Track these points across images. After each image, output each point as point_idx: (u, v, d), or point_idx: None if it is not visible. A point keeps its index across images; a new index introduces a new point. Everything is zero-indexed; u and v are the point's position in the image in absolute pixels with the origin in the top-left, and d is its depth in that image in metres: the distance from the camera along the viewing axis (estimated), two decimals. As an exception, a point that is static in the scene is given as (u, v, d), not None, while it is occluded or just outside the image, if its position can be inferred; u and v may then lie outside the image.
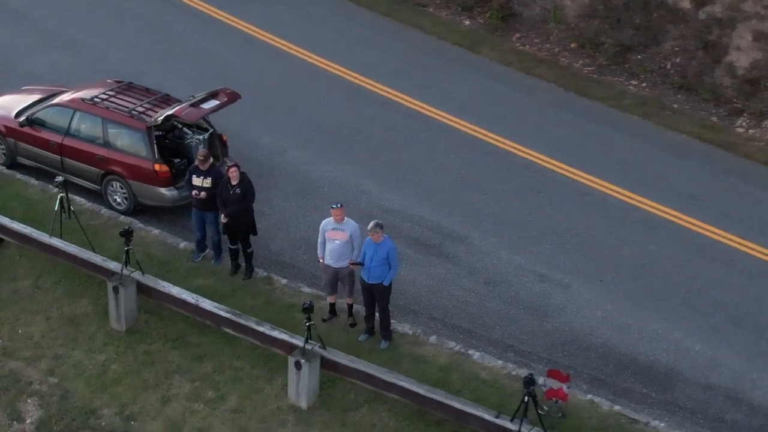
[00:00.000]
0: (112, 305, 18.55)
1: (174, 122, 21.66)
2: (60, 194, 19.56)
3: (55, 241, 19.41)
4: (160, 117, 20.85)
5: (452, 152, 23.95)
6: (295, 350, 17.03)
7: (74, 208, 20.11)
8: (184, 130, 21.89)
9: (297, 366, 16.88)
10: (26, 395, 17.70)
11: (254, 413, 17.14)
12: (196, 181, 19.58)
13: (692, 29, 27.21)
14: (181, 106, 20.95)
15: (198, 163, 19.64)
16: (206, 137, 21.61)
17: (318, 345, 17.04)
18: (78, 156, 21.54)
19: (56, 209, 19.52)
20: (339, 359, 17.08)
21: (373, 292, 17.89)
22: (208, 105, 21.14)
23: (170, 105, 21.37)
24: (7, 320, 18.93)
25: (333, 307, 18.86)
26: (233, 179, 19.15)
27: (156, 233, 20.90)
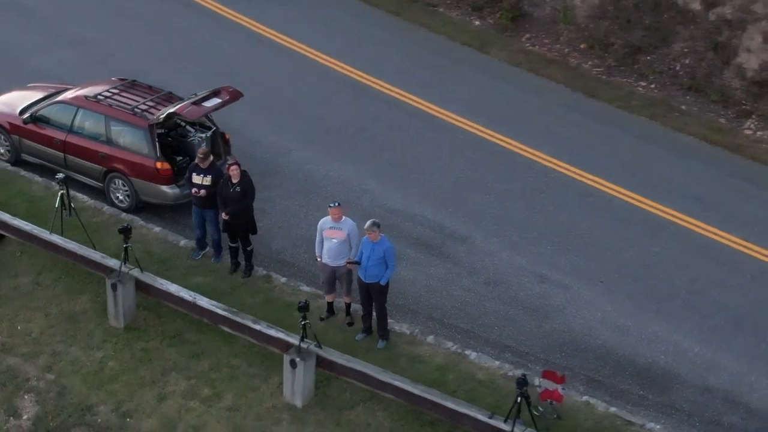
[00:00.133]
0: (111, 302, 18.58)
1: (177, 120, 21.67)
2: (60, 191, 19.59)
3: (56, 238, 19.45)
4: (162, 115, 20.87)
5: (457, 152, 23.86)
6: (291, 349, 17.00)
7: (76, 206, 20.20)
8: (187, 128, 21.89)
9: (292, 364, 16.86)
10: (23, 391, 17.79)
11: (249, 411, 17.13)
12: (196, 179, 19.57)
13: (702, 30, 27.04)
14: (183, 104, 20.96)
15: (198, 161, 19.63)
16: (209, 135, 21.60)
17: (313, 344, 17.01)
18: (81, 153, 21.59)
19: (57, 206, 19.56)
20: (334, 358, 17.03)
21: (370, 292, 17.84)
22: (210, 103, 21.16)
23: (173, 103, 21.37)
24: (7, 316, 19.02)
25: (331, 306, 18.82)
26: (234, 177, 19.12)
27: (157, 231, 20.90)
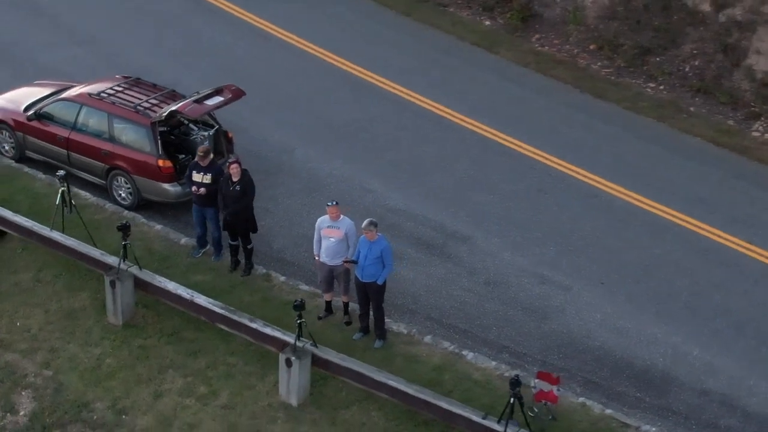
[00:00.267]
0: (110, 299, 18.59)
1: (180, 118, 21.69)
2: (61, 188, 19.62)
3: (56, 235, 19.48)
4: (164, 113, 20.89)
5: (462, 152, 23.79)
6: (287, 347, 16.97)
7: (78, 203, 20.24)
8: (190, 126, 21.90)
9: (288, 363, 16.83)
10: (21, 387, 17.78)
11: (245, 409, 17.10)
12: (196, 177, 19.57)
13: (712, 32, 26.90)
14: (185, 102, 20.98)
15: (198, 159, 19.63)
16: (212, 134, 21.62)
17: (309, 343, 16.98)
18: (84, 150, 21.63)
19: (57, 203, 19.60)
20: (330, 357, 17.00)
21: (367, 291, 17.80)
22: (212, 101, 21.16)
23: (176, 101, 21.39)
24: (6, 312, 19.04)
25: (329, 305, 18.79)
26: (234, 176, 19.11)
27: (158, 229, 20.92)
